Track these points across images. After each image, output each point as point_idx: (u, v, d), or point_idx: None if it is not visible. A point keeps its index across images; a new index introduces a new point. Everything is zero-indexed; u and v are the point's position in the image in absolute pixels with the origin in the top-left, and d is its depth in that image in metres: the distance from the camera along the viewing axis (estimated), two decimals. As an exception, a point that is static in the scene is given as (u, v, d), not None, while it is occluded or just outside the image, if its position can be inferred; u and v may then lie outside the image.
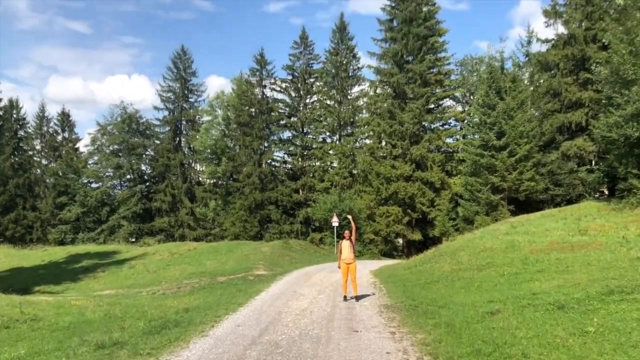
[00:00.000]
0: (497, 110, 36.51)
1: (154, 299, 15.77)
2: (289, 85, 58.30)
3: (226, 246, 32.11)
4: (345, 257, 12.83)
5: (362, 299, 12.70)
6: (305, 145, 57.51)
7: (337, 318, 9.94)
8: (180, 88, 63.67)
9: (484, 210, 36.71)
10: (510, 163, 35.99)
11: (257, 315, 10.49)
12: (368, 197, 47.86)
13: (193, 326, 9.34)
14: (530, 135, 36.94)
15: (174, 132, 63.75)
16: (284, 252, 28.54)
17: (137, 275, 24.44)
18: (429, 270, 17.79)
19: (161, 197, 61.24)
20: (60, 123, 69.09)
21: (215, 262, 25.22)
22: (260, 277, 18.92)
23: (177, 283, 19.11)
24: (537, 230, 23.51)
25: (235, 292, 14.77)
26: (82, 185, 63.10)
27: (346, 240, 12.92)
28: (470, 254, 18.83)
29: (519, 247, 18.35)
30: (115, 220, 60.98)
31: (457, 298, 12.09)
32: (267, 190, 54.43)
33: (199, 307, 12.32)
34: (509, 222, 28.90)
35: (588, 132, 39.74)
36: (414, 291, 13.74)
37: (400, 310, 10.74)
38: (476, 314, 9.78)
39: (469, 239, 23.05)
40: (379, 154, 49.69)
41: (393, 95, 48.44)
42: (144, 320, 10.63)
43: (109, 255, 34.24)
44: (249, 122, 55.18)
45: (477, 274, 15.36)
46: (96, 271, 27.42)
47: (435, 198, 45.99)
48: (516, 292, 11.92)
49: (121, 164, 63.09)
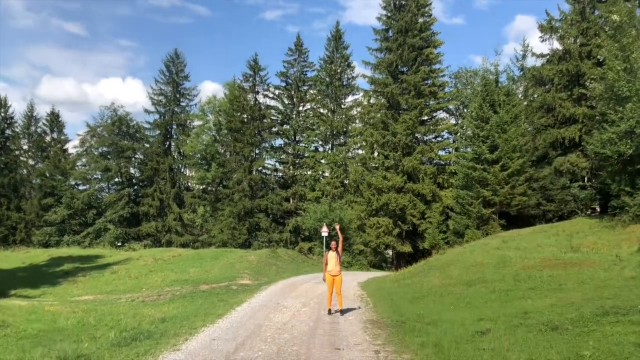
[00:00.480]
0: (491, 124, 36.23)
1: (131, 306, 15.16)
2: (282, 92, 57.91)
3: (212, 253, 31.45)
4: (331, 269, 12.32)
5: (348, 313, 12.17)
6: (297, 153, 57.06)
7: (320, 333, 9.41)
8: (172, 91, 63.02)
9: (475, 223, 36.33)
10: (502, 177, 35.66)
11: (236, 328, 9.94)
12: (359, 208, 47.42)
13: (166, 339, 8.78)
14: (523, 149, 36.72)
15: (164, 136, 63.01)
16: (270, 262, 27.93)
17: (119, 280, 23.73)
18: (418, 284, 17.28)
19: (149, 201, 60.40)
20: (49, 123, 68.20)
21: (199, 270, 24.57)
22: (244, 286, 18.34)
23: (158, 290, 18.49)
24: (528, 245, 23.15)
25: (216, 302, 14.20)
26: (69, 187, 62.14)
27: (332, 251, 12.43)
28: (461, 269, 18.37)
29: (510, 263, 17.93)
30: (102, 224, 60.04)
31: (446, 315, 11.59)
32: (256, 198, 53.85)
33: (176, 317, 11.75)
34: (500, 237, 28.55)
35: (581, 148, 39.50)
36: (402, 306, 13.22)
37: (387, 327, 10.22)
38: (466, 332, 9.29)
39: (459, 252, 22.63)
40: (371, 165, 49.33)
41: (387, 106, 48.13)
42: (117, 330, 10.06)
43: (92, 260, 33.46)
44: (241, 128, 54.67)
45: (467, 290, 14.89)
46: (77, 275, 26.67)
47: (426, 210, 45.59)
48: (507, 310, 11.45)
49: (109, 167, 62.21)
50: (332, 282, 12.31)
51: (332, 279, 12.30)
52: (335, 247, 12.46)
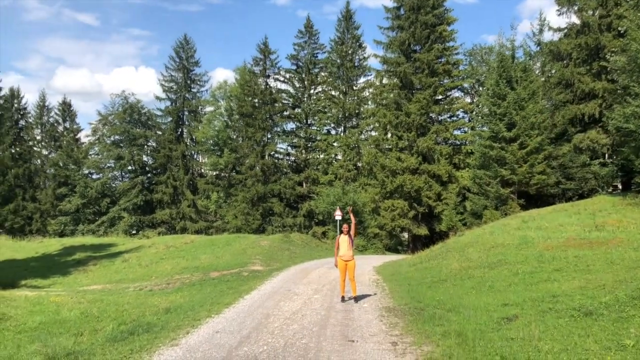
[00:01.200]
0: (508, 101, 35.10)
1: (138, 296, 14.64)
2: (293, 75, 56.98)
3: (224, 239, 30.93)
4: (343, 254, 11.62)
5: (362, 300, 11.50)
6: (309, 137, 56.26)
7: (332, 323, 8.74)
8: (183, 78, 62.50)
9: (493, 204, 35.38)
10: (520, 155, 34.60)
11: (242, 318, 9.31)
12: (373, 191, 46.63)
13: (165, 332, 8.18)
14: (541, 127, 35.56)
15: (176, 123, 62.61)
16: (283, 247, 27.33)
17: (129, 269, 23.32)
18: (436, 268, 16.55)
19: (162, 188, 60.23)
20: (62, 113, 67.98)
21: (211, 256, 24.04)
22: (256, 273, 17.75)
23: (167, 278, 17.98)
24: (550, 225, 22.26)
25: (225, 290, 13.62)
26: (83, 176, 62.16)
27: (344, 235, 11.72)
28: (480, 251, 17.58)
29: (532, 243, 17.09)
30: (116, 212, 60.07)
31: (468, 300, 10.86)
32: (269, 183, 53.30)
33: (181, 307, 11.17)
34: (520, 217, 27.68)
35: (602, 124, 38.34)
36: (420, 291, 12.51)
37: (404, 315, 9.53)
38: (490, 320, 8.56)
39: (478, 234, 21.81)
40: (384, 146, 48.39)
41: (399, 86, 47.02)
42: (115, 323, 9.50)
43: (104, 248, 33.17)
44: (252, 113, 53.96)
45: (488, 273, 14.12)
46: (88, 264, 26.34)
47: (442, 191, 44.66)
48: (533, 294, 10.68)
49: (122, 155, 62.07)
50: (345, 267, 11.63)
51: (345, 264, 11.62)
52: (348, 231, 11.75)
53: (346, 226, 11.79)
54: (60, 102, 68.64)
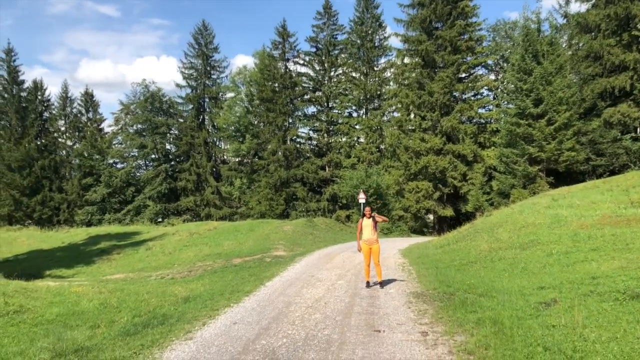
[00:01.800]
0: (534, 76, 33.97)
1: (160, 284, 14.37)
2: (313, 58, 56.24)
3: (248, 225, 30.65)
4: (367, 238, 11.07)
5: (388, 285, 10.98)
6: (331, 120, 55.60)
7: (356, 311, 8.25)
8: (202, 64, 62.21)
9: (521, 183, 34.46)
10: (548, 132, 33.56)
11: (262, 307, 8.88)
12: (396, 173, 45.91)
13: (181, 324, 7.80)
14: (570, 102, 34.37)
15: (197, 110, 62.47)
16: (307, 231, 26.90)
17: (152, 257, 23.19)
18: (464, 250, 15.93)
19: (186, 176, 60.38)
20: (84, 103, 68.32)
21: (234, 243, 23.76)
22: (278, 258, 17.37)
23: (190, 266, 17.72)
24: (582, 203, 21.40)
25: (247, 277, 13.24)
26: (107, 166, 62.54)
27: (367, 218, 11.17)
28: (511, 231, 16.88)
29: (565, 222, 16.33)
30: (141, 201, 60.44)
31: (500, 283, 10.28)
32: (292, 168, 52.94)
33: (200, 296, 10.81)
34: (549, 195, 26.80)
35: (633, 97, 37.03)
36: (448, 274, 11.95)
37: (433, 300, 8.99)
38: (527, 305, 7.98)
39: (507, 213, 21.04)
40: (407, 127, 47.51)
41: (422, 64, 45.97)
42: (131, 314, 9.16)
43: (129, 237, 33.21)
44: (272, 98, 53.47)
45: (520, 254, 13.48)
46: (112, 253, 26.33)
47: (467, 172, 43.74)
48: (571, 276, 10.05)
49: (145, 144, 62.25)
50: (369, 251, 11.10)
51: (369, 249, 11.09)
52: (370, 214, 11.19)
53: (369, 209, 11.25)
54: (82, 93, 69.11)
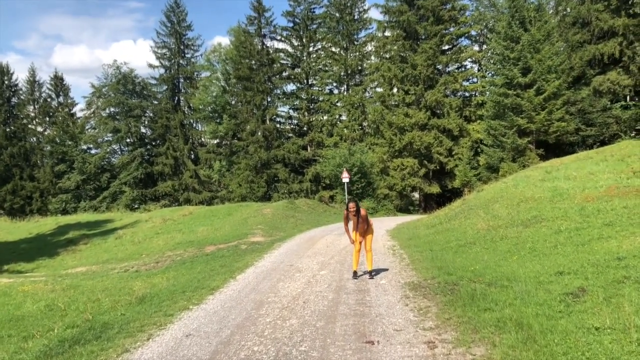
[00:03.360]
0: (522, 43, 32.53)
1: (120, 279, 12.72)
2: (290, 33, 54.04)
3: (225, 209, 28.95)
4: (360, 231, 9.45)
5: (379, 275, 9.41)
6: (311, 98, 53.70)
7: (342, 313, 6.67)
8: (176, 43, 59.64)
9: (510, 156, 33.18)
10: (537, 102, 32.23)
11: (227, 310, 7.27)
12: (380, 150, 44.39)
13: (121, 338, 6.17)
14: (559, 70, 33.04)
15: (171, 91, 60.11)
16: (288, 214, 25.28)
17: (121, 247, 21.46)
18: (460, 229, 14.47)
19: (163, 160, 58.20)
20: (54, 88, 65.46)
21: (209, 228, 22.09)
22: (255, 245, 15.76)
23: (158, 256, 16.07)
24: (578, 174, 20.08)
25: (217, 269, 11.64)
26: (80, 152, 60.06)
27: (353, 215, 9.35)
28: (508, 206, 15.46)
29: (568, 195, 14.94)
30: (117, 187, 58.23)
31: (509, 268, 8.80)
32: (272, 148, 51.12)
33: (159, 294, 9.18)
34: (541, 168, 25.55)
35: (622, 64, 35.89)
36: (446, 259, 10.43)
37: (434, 294, 7.45)
38: (551, 297, 6.48)
39: (501, 188, 19.66)
40: (390, 102, 45.87)
41: (403, 36, 44.19)
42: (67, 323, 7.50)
43: (100, 225, 31.33)
44: (250, 76, 51.35)
45: (524, 232, 12.04)
46: (79, 244, 24.53)
47: (453, 147, 42.36)
48: (590, 257, 8.59)
49: (119, 128, 59.85)
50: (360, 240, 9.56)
51: (360, 238, 9.52)
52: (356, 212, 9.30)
53: (353, 205, 9.34)
54: (51, 77, 66.09)
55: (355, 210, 9.28)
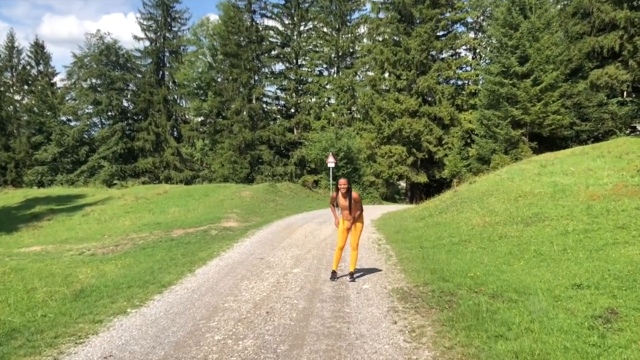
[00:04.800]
0: (521, 31, 31.17)
1: (71, 263, 11.28)
2: (282, 10, 52.20)
3: (202, 190, 27.41)
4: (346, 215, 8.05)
5: (362, 278, 8.03)
6: (300, 78, 52.01)
7: (313, 331, 5.28)
8: (162, 15, 57.41)
9: (502, 147, 31.97)
10: (534, 93, 30.97)
11: (171, 318, 5.85)
12: (368, 136, 43.01)
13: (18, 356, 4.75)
14: (557, 61, 31.77)
15: (156, 65, 58.01)
16: (268, 198, 23.84)
17: (85, 225, 19.93)
18: (452, 223, 13.16)
19: (144, 135, 56.31)
20: (34, 55, 62.84)
21: (182, 210, 20.60)
22: (227, 231, 14.35)
23: (121, 237, 14.62)
24: (576, 170, 18.88)
25: (178, 258, 10.23)
26: (59, 123, 57.86)
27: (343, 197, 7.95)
28: (505, 201, 14.19)
29: (571, 192, 13.67)
30: (95, 161, 56.34)
31: (514, 275, 7.49)
32: (257, 129, 49.57)
33: (100, 289, 7.76)
34: (535, 161, 24.40)
35: (621, 58, 34.72)
36: (439, 259, 9.10)
37: (429, 307, 6.11)
38: (575, 321, 5.18)
39: (495, 180, 18.38)
40: (381, 87, 44.41)
41: (398, 19, 42.58)
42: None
43: (71, 200, 29.65)
44: (237, 53, 49.57)
45: (525, 231, 10.75)
46: (42, 219, 22.92)
47: (443, 135, 41.11)
48: (610, 266, 7.32)
49: (100, 100, 57.65)
50: (346, 233, 8.10)
51: (346, 230, 8.08)
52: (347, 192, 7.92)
53: (344, 181, 7.93)
54: (31, 44, 63.49)
55: (346, 189, 7.85)
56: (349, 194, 7.87)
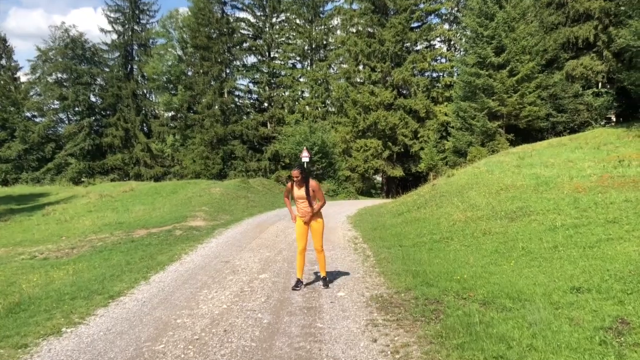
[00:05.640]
0: (496, 21, 30.69)
1: (19, 269, 10.28)
2: (253, 1, 50.91)
3: (171, 187, 26.31)
4: (302, 210, 7.08)
5: (336, 281, 7.20)
6: (273, 72, 50.91)
7: (278, 355, 4.41)
8: (130, 7, 55.57)
9: (479, 140, 31.51)
10: (510, 84, 30.55)
11: (110, 340, 4.90)
12: (343, 130, 42.24)
13: None
14: (533, 51, 31.42)
15: (124, 58, 56.24)
16: (239, 194, 22.86)
17: (43, 226, 18.71)
18: (432, 219, 12.45)
19: (113, 131, 54.55)
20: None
21: (147, 208, 19.52)
22: (192, 230, 13.41)
23: (78, 239, 13.59)
24: (556, 161, 18.48)
25: (136, 262, 9.28)
26: (23, 119, 55.76)
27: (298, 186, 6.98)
28: (486, 194, 13.55)
29: (555, 185, 13.10)
30: (62, 158, 54.44)
31: (504, 276, 6.76)
32: (230, 124, 48.38)
33: (40, 301, 6.78)
34: (513, 153, 24.06)
35: (596, 48, 34.57)
36: (421, 259, 8.33)
37: (413, 318, 5.31)
38: (584, 335, 4.45)
39: (474, 173, 17.80)
40: (355, 79, 43.64)
41: (372, 9, 41.81)
42: None
43: (33, 199, 28.26)
44: (208, 45, 48.23)
45: (510, 226, 10.08)
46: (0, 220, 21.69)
47: (419, 129, 40.57)
48: (608, 265, 6.66)
49: (66, 95, 55.67)
50: (305, 231, 7.13)
51: (305, 227, 7.14)
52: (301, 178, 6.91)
53: (297, 172, 6.90)
54: (-8, 37, 60.96)
55: (301, 179, 6.88)
56: (305, 182, 6.91)
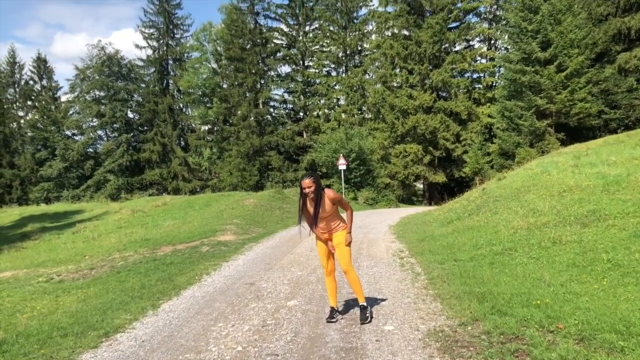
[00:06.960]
0: (541, 14, 28.87)
1: (30, 294, 9.34)
2: (285, 10, 50.35)
3: (204, 200, 25.40)
4: (322, 226, 5.67)
5: (381, 311, 5.84)
6: (307, 80, 50.03)
7: None
8: (164, 22, 55.95)
9: (527, 140, 29.64)
10: (558, 80, 28.65)
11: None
12: (381, 136, 40.83)
13: None
14: (582, 44, 29.42)
15: (160, 74, 56.44)
16: (274, 205, 21.70)
17: (70, 244, 17.95)
18: (488, 227, 10.94)
19: (150, 146, 54.74)
20: (37, 70, 61.64)
21: (178, 222, 18.55)
22: (221, 246, 12.27)
23: (100, 259, 12.66)
24: (619, 159, 16.55)
25: (152, 285, 8.16)
26: (63, 138, 56.49)
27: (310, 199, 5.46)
28: (547, 197, 11.95)
29: (627, 184, 11.39)
30: (101, 175, 54.86)
31: (596, 300, 5.30)
32: (265, 134, 47.66)
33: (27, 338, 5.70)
34: (566, 153, 22.08)
35: (652, 38, 32.30)
36: (484, 277, 6.89)
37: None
38: None
39: (528, 175, 16.13)
40: (392, 83, 42.22)
41: (407, 11, 40.43)
42: None
43: (66, 216, 27.85)
44: (241, 57, 47.75)
45: (584, 234, 8.51)
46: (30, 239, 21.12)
47: (461, 132, 38.80)
48: None
49: (104, 112, 56.17)
50: (327, 251, 5.75)
51: (326, 247, 5.74)
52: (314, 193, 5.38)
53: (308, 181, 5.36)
54: (34, 59, 62.28)
55: (312, 190, 5.37)
56: (317, 197, 5.41)
